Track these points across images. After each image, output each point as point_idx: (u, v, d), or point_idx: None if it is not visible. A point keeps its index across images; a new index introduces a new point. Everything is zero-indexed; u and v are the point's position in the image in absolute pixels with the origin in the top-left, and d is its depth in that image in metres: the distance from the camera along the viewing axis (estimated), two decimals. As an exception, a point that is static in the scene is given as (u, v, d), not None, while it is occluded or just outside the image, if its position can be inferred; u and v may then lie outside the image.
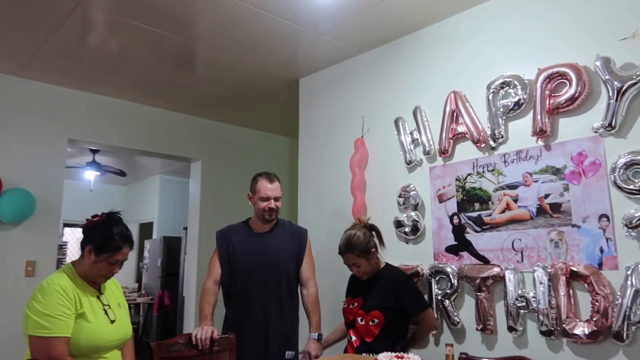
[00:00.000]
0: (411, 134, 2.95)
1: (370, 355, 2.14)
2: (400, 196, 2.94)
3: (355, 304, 2.37)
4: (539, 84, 2.40)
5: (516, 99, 2.49)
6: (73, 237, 8.08)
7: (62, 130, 3.90)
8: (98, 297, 2.01)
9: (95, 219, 2.02)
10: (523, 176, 2.46)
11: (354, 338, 2.34)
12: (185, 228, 6.11)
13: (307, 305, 2.61)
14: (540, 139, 2.41)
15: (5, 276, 3.56)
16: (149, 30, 3.04)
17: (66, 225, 7.31)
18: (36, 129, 3.77)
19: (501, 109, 2.55)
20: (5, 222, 3.57)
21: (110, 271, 1.99)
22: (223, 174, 4.82)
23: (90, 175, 5.98)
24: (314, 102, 3.72)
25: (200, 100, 4.32)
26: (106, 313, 1.99)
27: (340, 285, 2.84)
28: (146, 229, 7.49)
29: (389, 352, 1.88)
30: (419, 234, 2.83)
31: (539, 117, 2.39)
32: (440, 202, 2.78)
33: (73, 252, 8.06)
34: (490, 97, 2.58)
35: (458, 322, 2.59)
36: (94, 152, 5.65)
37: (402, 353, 1.84)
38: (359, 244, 2.34)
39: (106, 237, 1.94)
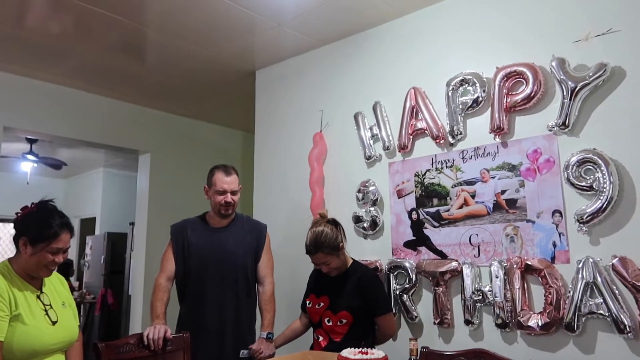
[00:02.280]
0: (371, 129, 2.94)
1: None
2: (359, 191, 2.93)
3: (322, 304, 2.31)
4: (497, 82, 2.45)
5: (475, 96, 2.53)
6: (6, 233, 7.58)
7: (-2, 117, 3.62)
8: (38, 297, 1.85)
9: (26, 211, 1.86)
10: (480, 172, 2.51)
11: (321, 338, 2.30)
12: (132, 223, 5.87)
13: (261, 303, 2.55)
14: (497, 136, 2.46)
15: None
16: (95, 12, 2.86)
17: (-1, 220, 6.84)
18: (-33, 115, 3.48)
19: (460, 106, 2.59)
20: None
21: (52, 261, 1.82)
22: (173, 168, 4.65)
23: (26, 166, 5.60)
24: (271, 95, 3.65)
25: (150, 90, 4.13)
26: (47, 313, 1.83)
27: (298, 282, 2.81)
28: (88, 225, 7.13)
29: (353, 348, 1.86)
30: (377, 229, 2.83)
31: (496, 114, 2.44)
32: (399, 197, 2.80)
33: (6, 250, 7.56)
34: (450, 94, 2.61)
35: (416, 317, 2.61)
36: (32, 141, 5.30)
37: (366, 349, 1.82)
38: (329, 242, 2.28)
39: (41, 225, 1.80)
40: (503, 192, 2.43)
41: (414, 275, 2.63)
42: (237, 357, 2.43)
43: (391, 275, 2.70)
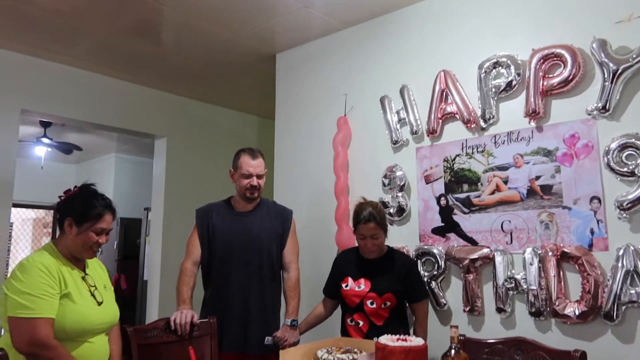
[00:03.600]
0: (397, 113, 2.87)
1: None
2: (385, 177, 2.87)
3: (363, 287, 2.26)
4: (532, 65, 2.37)
5: (509, 79, 2.46)
6: (19, 218, 7.58)
7: (15, 100, 3.57)
8: (83, 278, 1.86)
9: (69, 193, 1.90)
10: (514, 157, 2.45)
11: (361, 322, 2.25)
12: (147, 209, 5.85)
13: (286, 290, 2.52)
14: (532, 121, 2.39)
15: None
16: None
17: (13, 205, 6.81)
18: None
19: (493, 90, 2.51)
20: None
21: (96, 242, 1.84)
22: (190, 153, 4.60)
23: (40, 151, 5.56)
24: (292, 78, 3.58)
25: (166, 73, 4.06)
26: (92, 294, 1.85)
27: (320, 268, 2.76)
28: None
29: (390, 335, 1.81)
30: (404, 215, 2.78)
31: (532, 98, 2.37)
32: (427, 183, 2.74)
33: (19, 235, 7.57)
34: (482, 77, 2.54)
35: (445, 304, 2.57)
36: (45, 125, 5.25)
37: (405, 335, 1.77)
38: (383, 214, 2.29)
39: (86, 205, 1.83)
40: (537, 177, 2.36)
41: (442, 262, 2.58)
42: (262, 343, 2.40)
43: (419, 262, 2.66)
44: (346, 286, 2.33)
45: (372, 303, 2.23)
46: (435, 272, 2.59)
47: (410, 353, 1.68)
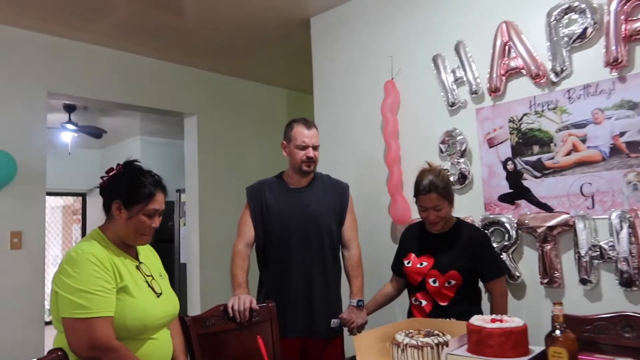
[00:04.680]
0: (453, 72, 2.64)
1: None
2: (442, 142, 2.66)
3: (425, 264, 2.07)
4: (612, 8, 2.11)
5: (583, 26, 2.20)
6: (48, 207, 7.55)
7: (41, 84, 3.41)
8: (137, 267, 1.68)
9: (112, 173, 1.68)
10: (592, 113, 2.21)
11: (423, 302, 2.07)
12: (179, 190, 5.73)
13: (348, 269, 2.35)
14: (613, 70, 2.14)
15: (-12, 249, 3.16)
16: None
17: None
18: (11, 81, 3.28)
19: (565, 39, 2.26)
20: (-16, 189, 3.14)
21: (149, 225, 1.65)
22: (222, 130, 4.42)
23: (67, 137, 5.44)
24: (329, 44, 3.35)
25: (194, 47, 3.86)
26: (150, 285, 1.66)
27: (372, 246, 2.59)
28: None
29: (481, 315, 1.64)
30: (466, 183, 2.57)
31: (612, 45, 2.11)
32: (491, 147, 2.52)
33: (49, 224, 7.55)
34: (552, 26, 2.28)
35: (518, 277, 2.38)
36: (70, 110, 5.12)
37: (500, 315, 1.59)
38: (446, 182, 2.05)
39: (134, 185, 1.63)
40: (622, 134, 2.12)
41: (513, 232, 2.38)
42: (328, 326, 2.25)
43: (486, 232, 2.46)
44: (408, 263, 2.14)
45: (434, 281, 2.04)
46: (506, 243, 2.39)
47: (510, 335, 1.50)
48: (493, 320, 1.57)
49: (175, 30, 3.53)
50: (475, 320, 1.58)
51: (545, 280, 2.28)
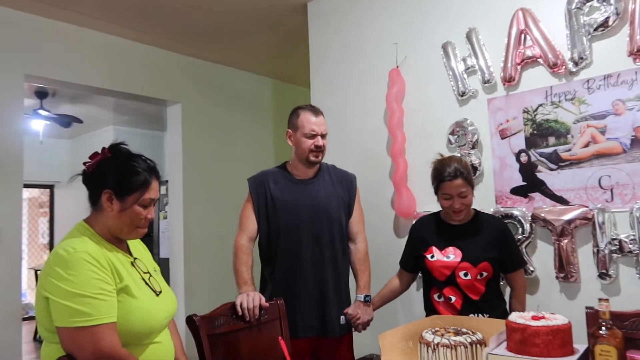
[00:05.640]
0: (464, 60, 2.55)
1: (480, 317, 1.82)
2: (452, 133, 2.57)
3: (452, 256, 1.96)
4: (637, -5, 2.06)
5: (606, 15, 2.15)
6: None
7: (18, 65, 3.15)
8: (132, 264, 1.49)
9: (98, 158, 1.46)
10: (613, 104, 2.15)
11: (453, 298, 1.95)
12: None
13: (355, 263, 2.24)
14: (638, 60, 2.09)
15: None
16: None
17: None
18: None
19: (585, 27, 2.20)
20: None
21: (145, 216, 1.47)
22: (207, 120, 4.22)
23: (38, 125, 5.12)
24: (328, 30, 3.21)
25: (180, 30, 3.66)
26: (147, 283, 1.49)
27: (374, 240, 2.47)
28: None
29: (520, 312, 1.55)
30: (477, 175, 2.49)
31: (637, 35, 2.06)
32: (503, 138, 2.44)
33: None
34: (573, 13, 2.22)
35: (532, 271, 2.31)
36: (41, 97, 4.80)
37: (541, 312, 1.51)
38: (468, 167, 1.99)
39: (126, 172, 1.43)
40: (644, 125, 2.08)
41: (527, 225, 2.31)
42: (340, 324, 2.13)
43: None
44: (432, 257, 2.02)
45: (465, 274, 1.94)
46: (519, 237, 2.32)
47: (558, 333, 1.42)
48: (535, 318, 1.49)
49: (161, 12, 3.32)
50: (516, 317, 1.49)
51: (562, 275, 2.22)
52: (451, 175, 1.93)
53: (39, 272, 1.67)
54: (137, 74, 3.78)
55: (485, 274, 1.92)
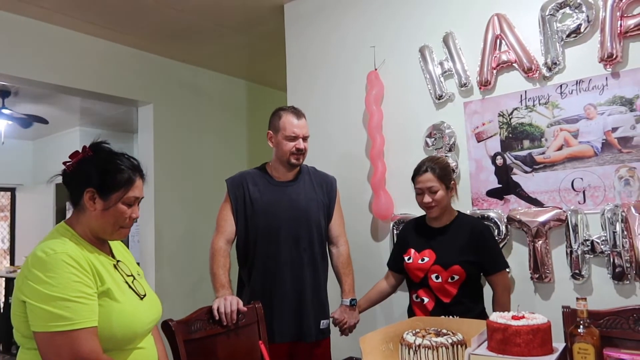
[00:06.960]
0: (441, 64, 2.58)
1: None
2: (429, 136, 2.59)
3: (427, 259, 1.98)
4: (609, 3, 2.12)
5: (578, 21, 2.21)
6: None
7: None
8: (115, 266, 1.44)
9: (79, 156, 1.42)
10: (584, 108, 2.21)
11: (425, 300, 1.97)
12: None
13: (338, 267, 2.23)
14: (608, 66, 2.15)
15: None
16: None
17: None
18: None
19: (558, 33, 2.25)
20: None
21: (130, 216, 1.43)
22: (180, 121, 4.14)
23: (0, 125, 4.92)
24: (305, 32, 3.20)
25: (152, 29, 3.58)
26: (130, 286, 1.44)
27: (355, 243, 2.47)
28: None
29: (501, 312, 1.56)
30: (453, 177, 2.50)
31: (607, 41, 2.13)
32: (479, 141, 2.48)
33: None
34: (546, 20, 2.27)
35: (508, 272, 2.34)
36: (3, 95, 4.62)
37: (521, 312, 1.52)
38: (442, 164, 2.02)
39: (109, 169, 1.40)
40: (614, 129, 2.14)
41: (503, 227, 2.35)
42: (318, 328, 2.11)
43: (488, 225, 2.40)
44: (409, 259, 2.05)
45: (437, 277, 1.96)
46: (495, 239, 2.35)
47: (538, 332, 1.43)
48: (515, 318, 1.50)
49: (133, 10, 3.24)
50: (497, 317, 1.50)
51: (536, 276, 2.26)
52: (422, 169, 2.00)
53: None
54: (107, 73, 3.68)
55: (456, 277, 1.93)
